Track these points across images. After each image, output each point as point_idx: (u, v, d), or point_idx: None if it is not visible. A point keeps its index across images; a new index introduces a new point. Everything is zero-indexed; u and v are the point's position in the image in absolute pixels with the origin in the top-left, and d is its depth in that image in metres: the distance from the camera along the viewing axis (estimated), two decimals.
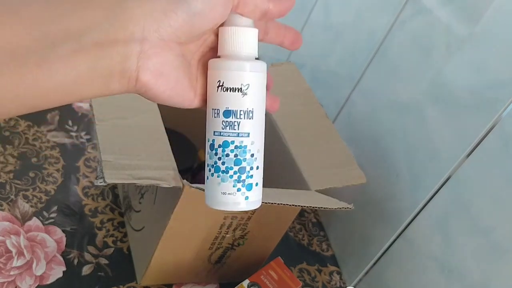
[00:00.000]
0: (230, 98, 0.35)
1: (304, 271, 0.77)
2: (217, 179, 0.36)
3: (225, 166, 0.36)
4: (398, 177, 0.72)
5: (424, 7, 0.72)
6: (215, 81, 0.35)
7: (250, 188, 0.36)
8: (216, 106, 0.35)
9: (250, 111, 0.35)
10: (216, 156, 0.36)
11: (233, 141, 0.35)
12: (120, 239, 0.68)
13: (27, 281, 0.60)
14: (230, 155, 0.35)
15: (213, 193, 0.36)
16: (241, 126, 0.35)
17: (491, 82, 0.60)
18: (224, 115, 0.35)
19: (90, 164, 0.76)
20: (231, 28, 0.35)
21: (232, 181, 0.36)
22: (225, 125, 0.35)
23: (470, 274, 0.60)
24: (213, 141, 0.36)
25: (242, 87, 0.35)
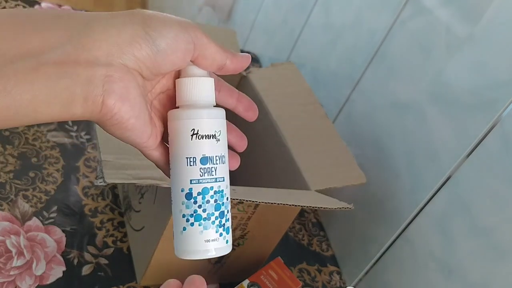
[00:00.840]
0: (206, 145, 0.35)
1: (304, 271, 0.77)
2: (198, 227, 0.35)
3: (206, 213, 0.36)
4: (398, 177, 0.72)
5: (424, 7, 0.72)
6: (187, 129, 0.35)
7: (229, 231, 0.37)
8: (191, 154, 0.35)
9: (223, 156, 0.36)
10: (196, 204, 0.35)
11: (212, 187, 0.36)
12: (120, 239, 0.68)
13: (27, 281, 0.59)
14: (211, 201, 0.36)
15: (194, 243, 0.36)
16: (218, 171, 0.36)
17: (491, 82, 0.60)
18: (201, 162, 0.35)
19: (90, 164, 0.76)
20: (193, 79, 0.35)
21: (215, 227, 0.36)
22: (203, 172, 0.35)
23: (470, 274, 0.60)
24: (190, 190, 0.35)
25: (215, 134, 0.36)
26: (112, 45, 0.30)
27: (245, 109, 0.39)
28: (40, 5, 0.98)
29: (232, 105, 0.39)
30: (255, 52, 1.21)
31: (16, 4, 0.95)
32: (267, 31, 1.22)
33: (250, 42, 1.30)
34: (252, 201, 0.52)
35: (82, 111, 0.30)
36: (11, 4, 0.95)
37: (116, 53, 0.30)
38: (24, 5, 0.96)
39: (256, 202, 0.52)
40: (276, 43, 1.17)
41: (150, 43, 0.31)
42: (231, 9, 1.46)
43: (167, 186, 0.52)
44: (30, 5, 0.97)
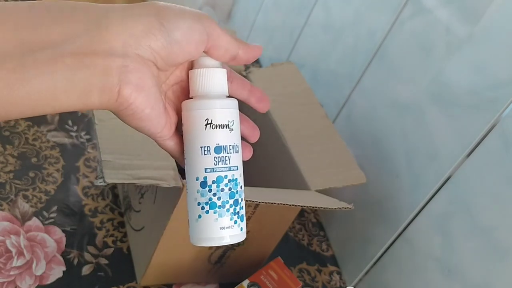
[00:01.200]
0: (220, 134, 0.36)
1: (304, 271, 0.77)
2: (213, 215, 0.36)
3: (221, 201, 0.36)
4: (398, 177, 0.72)
5: (424, 7, 0.72)
6: (201, 120, 0.36)
7: (243, 219, 0.38)
8: (205, 143, 0.36)
9: (236, 145, 0.37)
10: (211, 193, 0.36)
11: (226, 176, 0.36)
12: (120, 239, 0.68)
13: (27, 281, 0.59)
14: (225, 189, 0.36)
15: (210, 230, 0.37)
16: (232, 160, 0.37)
17: (491, 82, 0.60)
18: (215, 151, 0.36)
19: (90, 164, 0.76)
20: (207, 70, 0.36)
21: (229, 215, 0.37)
22: (217, 160, 0.36)
23: (470, 274, 0.60)
24: (205, 178, 0.36)
25: (229, 124, 0.36)
26: (128, 36, 0.31)
27: (257, 100, 0.39)
28: None
29: (244, 96, 0.39)
30: None
31: None
32: (267, 31, 1.22)
33: (250, 42, 1.30)
34: (252, 201, 0.52)
35: (99, 101, 0.31)
36: None
37: (133, 44, 0.31)
38: None
39: (256, 202, 0.53)
40: (276, 43, 1.17)
41: (165, 34, 0.32)
42: (231, 9, 1.46)
43: (167, 186, 0.52)
44: None
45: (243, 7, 1.40)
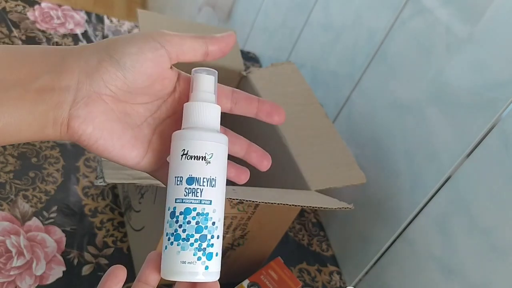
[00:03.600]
0: (194, 165, 0.35)
1: (304, 271, 0.77)
2: (176, 247, 0.35)
3: (186, 234, 0.35)
4: (398, 177, 0.72)
5: (424, 7, 0.72)
6: (179, 150, 0.36)
7: (211, 258, 0.36)
8: (179, 173, 0.36)
9: (213, 179, 0.36)
10: (177, 224, 0.35)
11: (195, 208, 0.35)
12: (120, 239, 0.68)
13: (27, 281, 0.60)
14: (192, 222, 0.35)
15: (172, 263, 0.35)
16: (204, 193, 0.35)
17: (491, 82, 0.60)
18: (187, 182, 0.35)
19: (90, 164, 0.76)
20: (195, 103, 0.36)
21: (192, 249, 0.35)
22: (187, 191, 0.35)
23: (470, 274, 0.60)
24: (174, 209, 0.35)
25: (206, 156, 0.35)
26: (81, 74, 0.33)
27: (267, 114, 0.39)
28: (40, 5, 0.98)
29: (252, 113, 0.39)
30: (255, 52, 1.21)
31: (16, 3, 0.95)
32: (267, 31, 1.22)
33: (250, 42, 1.30)
34: (252, 201, 0.52)
35: (53, 132, 0.34)
36: (11, 4, 0.95)
37: (86, 81, 0.33)
38: (24, 5, 0.96)
39: (256, 202, 0.53)
40: (276, 43, 1.17)
41: (115, 64, 0.34)
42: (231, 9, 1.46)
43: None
44: (29, 5, 0.97)
45: (243, 7, 1.40)
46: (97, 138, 0.35)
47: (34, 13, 0.96)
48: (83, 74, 0.33)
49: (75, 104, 0.33)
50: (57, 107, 0.33)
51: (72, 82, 0.33)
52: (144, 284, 0.37)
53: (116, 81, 0.34)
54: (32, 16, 0.95)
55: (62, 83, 0.33)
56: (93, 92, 0.34)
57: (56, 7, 1.00)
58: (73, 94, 0.33)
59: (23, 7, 0.96)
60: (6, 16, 0.92)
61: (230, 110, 0.39)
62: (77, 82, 0.33)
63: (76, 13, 1.02)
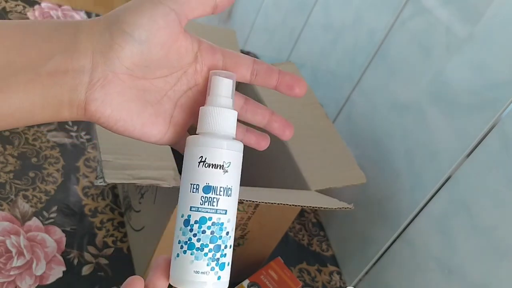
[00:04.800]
0: (211, 174, 0.35)
1: (304, 271, 0.77)
2: (190, 256, 0.35)
3: (200, 243, 0.35)
4: (398, 177, 0.72)
5: (424, 7, 0.72)
6: (196, 156, 0.35)
7: (223, 268, 0.36)
8: (195, 181, 0.35)
9: (229, 188, 0.35)
10: (191, 233, 0.35)
11: (211, 218, 0.35)
12: (120, 239, 0.68)
13: (27, 281, 0.60)
14: (207, 232, 0.35)
15: (184, 272, 0.35)
16: (220, 202, 0.35)
17: (491, 82, 0.60)
18: (203, 190, 0.35)
19: (90, 164, 0.76)
20: (214, 108, 0.35)
21: (206, 259, 0.35)
22: (204, 200, 0.35)
23: (470, 274, 0.60)
24: (189, 217, 0.35)
25: (224, 164, 0.35)
26: (96, 53, 0.32)
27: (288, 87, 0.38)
28: (40, 5, 0.98)
29: (272, 85, 0.38)
30: (255, 52, 1.21)
31: (16, 4, 0.95)
32: (267, 31, 1.22)
33: (250, 42, 1.30)
34: (252, 201, 0.52)
35: (69, 115, 0.33)
36: (11, 4, 0.95)
37: (100, 60, 0.32)
38: (24, 5, 0.96)
39: (256, 202, 0.52)
40: (276, 43, 1.17)
41: (129, 39, 0.32)
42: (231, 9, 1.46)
43: (167, 186, 0.52)
44: (30, 5, 0.97)
45: (243, 7, 1.40)
46: (116, 120, 0.34)
47: (34, 13, 0.96)
48: (98, 53, 0.32)
49: (91, 86, 0.32)
50: (72, 90, 0.32)
51: (86, 62, 0.32)
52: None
53: (132, 58, 0.33)
54: (32, 16, 0.95)
55: (75, 64, 0.32)
56: (109, 72, 0.32)
57: (56, 7, 1.00)
58: (88, 75, 0.32)
59: (23, 7, 0.96)
60: (6, 16, 0.92)
61: (250, 81, 0.38)
62: (92, 62, 0.32)
63: (76, 13, 1.02)
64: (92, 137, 0.80)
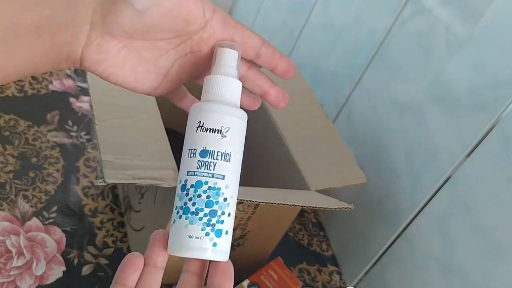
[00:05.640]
0: (208, 138, 0.34)
1: (304, 271, 0.77)
2: (184, 221, 0.34)
3: (195, 207, 0.34)
4: (398, 177, 0.72)
5: (424, 7, 0.72)
6: (195, 122, 0.35)
7: (220, 235, 0.34)
8: (193, 146, 0.35)
9: (227, 153, 0.35)
10: (187, 197, 0.34)
11: (207, 182, 0.34)
12: (120, 239, 0.68)
13: (27, 281, 0.60)
14: (202, 196, 0.34)
15: (178, 237, 0.34)
16: (217, 167, 0.34)
17: (491, 82, 0.60)
18: (200, 154, 0.34)
19: (90, 164, 0.76)
20: (216, 76, 0.36)
21: (201, 224, 0.34)
22: (200, 164, 0.34)
23: (470, 274, 0.60)
24: (185, 182, 0.34)
25: (222, 129, 0.34)
26: (96, 14, 0.33)
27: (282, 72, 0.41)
28: None
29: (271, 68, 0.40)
30: None
31: None
32: (267, 31, 1.22)
33: None
34: (252, 201, 0.52)
35: (67, 66, 0.35)
36: None
37: (99, 22, 0.33)
38: None
39: (256, 202, 0.53)
40: (276, 43, 1.17)
41: (130, 7, 0.33)
42: (231, 9, 1.46)
43: (167, 186, 0.52)
44: None
45: (243, 7, 1.40)
46: (109, 73, 0.36)
47: None
48: (98, 15, 0.33)
49: (88, 44, 0.34)
50: (70, 46, 0.34)
51: (84, 22, 0.33)
52: (153, 268, 0.36)
53: (132, 24, 0.33)
54: None
55: (75, 24, 0.33)
56: (107, 33, 0.34)
57: None
58: (85, 34, 0.33)
59: None
60: None
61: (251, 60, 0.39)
62: (91, 23, 0.33)
63: None
64: (92, 137, 0.80)
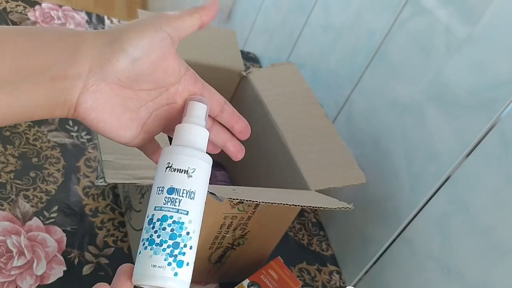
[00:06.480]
0: (176, 177, 0.38)
1: (304, 270, 0.77)
2: (149, 251, 0.37)
3: (159, 239, 0.37)
4: (397, 177, 0.72)
5: (424, 7, 0.72)
6: (165, 162, 0.39)
7: (181, 265, 0.37)
8: (161, 184, 0.38)
9: (192, 191, 0.38)
10: (153, 230, 0.37)
11: (172, 216, 0.37)
12: (120, 239, 0.69)
13: (28, 281, 0.60)
14: (167, 229, 0.37)
15: (143, 266, 0.36)
16: (182, 203, 0.37)
17: (490, 82, 0.60)
18: (167, 191, 0.37)
19: (91, 164, 0.76)
20: (186, 125, 0.40)
21: (164, 254, 0.36)
22: (167, 200, 0.37)
23: (469, 274, 0.60)
24: (153, 216, 0.37)
25: (188, 170, 0.38)
26: (94, 63, 0.36)
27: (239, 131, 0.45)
28: (41, 5, 0.98)
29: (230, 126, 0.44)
30: (255, 52, 1.21)
31: (16, 4, 0.96)
32: (267, 31, 1.22)
33: (250, 42, 1.31)
34: (252, 201, 0.52)
35: (61, 113, 0.37)
36: (11, 4, 0.95)
37: (97, 70, 0.36)
38: (24, 5, 0.96)
39: (256, 202, 0.53)
40: (276, 43, 1.17)
41: (128, 57, 0.37)
42: (231, 10, 1.46)
43: None
44: (30, 5, 0.97)
45: (243, 7, 1.40)
46: (99, 121, 0.38)
47: (34, 13, 0.96)
48: (96, 64, 0.36)
49: (84, 91, 0.36)
50: (68, 93, 0.36)
51: (83, 70, 0.36)
52: None
53: (125, 71, 0.37)
54: (33, 17, 0.95)
55: (74, 70, 0.36)
56: (102, 81, 0.37)
57: (56, 8, 1.00)
58: (83, 81, 0.36)
59: (24, 8, 0.96)
60: (7, 16, 0.92)
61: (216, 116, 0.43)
62: (89, 71, 0.36)
63: (76, 13, 1.02)
64: (92, 137, 0.80)
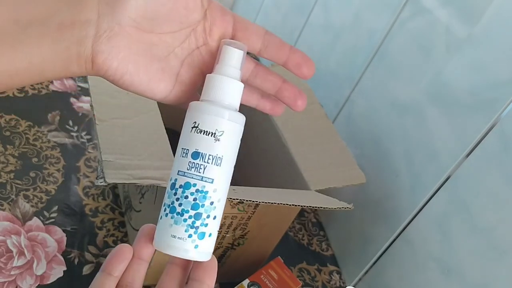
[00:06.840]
0: (201, 140, 0.34)
1: (304, 270, 0.77)
2: (170, 220, 0.35)
3: (181, 208, 0.35)
4: (397, 177, 0.72)
5: (424, 7, 0.72)
6: (191, 121, 0.35)
7: (202, 237, 0.35)
8: (186, 146, 0.35)
9: (219, 157, 0.35)
10: (175, 196, 0.35)
11: (195, 184, 0.35)
12: (120, 239, 0.69)
13: (28, 281, 0.60)
14: (189, 197, 0.35)
15: (164, 234, 0.35)
16: (207, 170, 0.34)
17: (490, 82, 0.60)
18: (192, 156, 0.35)
19: (91, 164, 0.76)
20: (217, 76, 0.35)
21: (185, 225, 0.34)
22: (191, 166, 0.35)
23: (469, 274, 0.60)
24: (175, 181, 0.35)
25: (216, 132, 0.34)
26: (101, 5, 0.32)
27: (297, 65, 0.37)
28: None
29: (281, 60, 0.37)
30: None
31: None
32: None
33: None
34: (252, 201, 0.52)
35: (79, 69, 0.33)
36: None
37: (107, 13, 0.32)
38: None
39: (256, 202, 0.53)
40: None
41: None
42: (231, 10, 1.46)
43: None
44: None
45: (243, 8, 1.40)
46: (123, 73, 0.34)
47: None
48: (104, 5, 0.32)
49: (97, 38, 0.32)
50: (79, 43, 0.32)
51: (92, 14, 0.32)
52: (138, 259, 0.37)
53: (138, 9, 0.33)
54: None
55: (82, 16, 0.32)
56: (116, 24, 0.32)
57: None
58: (94, 28, 0.32)
59: None
60: None
61: (259, 52, 0.37)
62: (98, 15, 0.32)
63: None
64: (92, 137, 0.80)
